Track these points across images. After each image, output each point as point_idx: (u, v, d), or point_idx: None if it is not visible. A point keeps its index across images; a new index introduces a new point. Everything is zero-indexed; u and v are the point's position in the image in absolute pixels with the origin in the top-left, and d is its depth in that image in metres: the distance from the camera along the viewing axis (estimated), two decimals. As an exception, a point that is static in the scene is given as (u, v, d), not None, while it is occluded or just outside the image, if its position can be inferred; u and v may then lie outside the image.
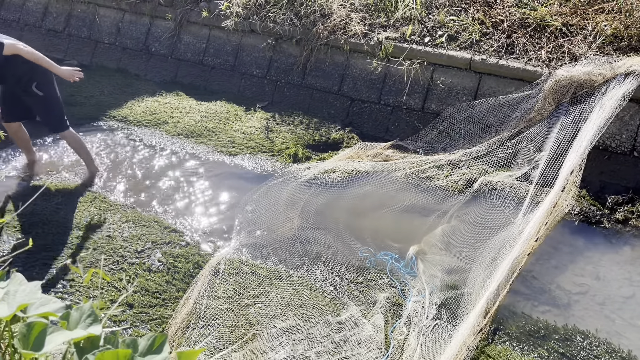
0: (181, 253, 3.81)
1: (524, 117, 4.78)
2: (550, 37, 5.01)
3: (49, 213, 4.11)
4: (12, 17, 8.58)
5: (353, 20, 5.80)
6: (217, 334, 3.13)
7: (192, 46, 6.96)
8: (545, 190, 4.18)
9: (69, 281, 3.50)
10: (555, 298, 3.52)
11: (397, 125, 5.53)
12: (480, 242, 3.86)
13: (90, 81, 6.80)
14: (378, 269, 3.74)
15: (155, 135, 5.60)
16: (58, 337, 1.18)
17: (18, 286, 1.33)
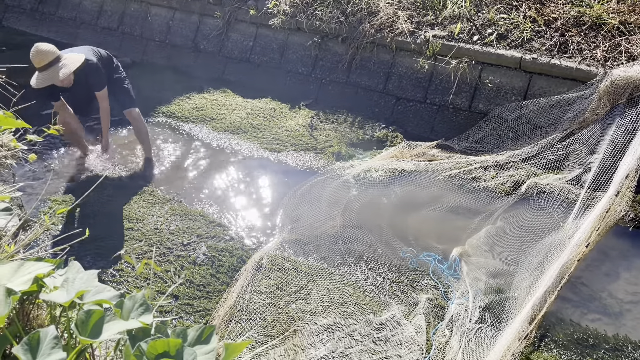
0: (225, 247, 3.88)
1: (576, 119, 4.62)
2: (607, 36, 4.82)
3: (100, 205, 4.26)
4: (69, 16, 8.93)
5: (400, 18, 5.75)
6: (259, 328, 3.17)
7: (240, 44, 7.06)
8: (598, 194, 4.04)
9: (118, 271, 3.62)
10: (606, 306, 3.39)
11: (443, 124, 5.45)
12: (526, 246, 3.76)
13: (141, 78, 7.00)
14: (420, 269, 3.70)
15: (202, 131, 5.71)
16: (115, 326, 1.22)
17: (76, 274, 1.39)
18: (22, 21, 9.41)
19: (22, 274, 1.42)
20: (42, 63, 4.07)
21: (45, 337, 1.19)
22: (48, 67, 4.09)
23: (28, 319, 1.66)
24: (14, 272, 1.42)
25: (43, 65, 4.08)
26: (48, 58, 4.09)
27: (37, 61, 4.06)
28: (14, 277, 1.40)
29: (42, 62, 4.07)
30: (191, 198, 4.59)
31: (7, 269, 1.43)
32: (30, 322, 1.67)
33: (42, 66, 4.07)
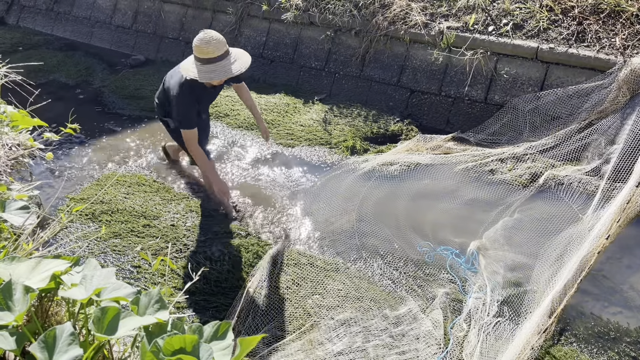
0: (241, 243, 3.89)
1: (594, 109, 4.54)
2: (626, 24, 4.72)
3: (117, 202, 4.29)
4: (84, 15, 9.01)
5: (414, 10, 5.69)
6: (276, 323, 3.18)
7: (252, 39, 7.06)
8: (618, 185, 3.96)
9: (135, 268, 3.65)
10: (628, 299, 3.34)
11: (458, 117, 5.40)
12: (545, 239, 3.71)
13: (156, 75, 7.04)
14: (437, 264, 3.67)
15: (216, 127, 5.73)
16: (130, 322, 1.22)
17: (94, 271, 1.40)
18: (37, 21, 9.52)
19: (40, 272, 1.43)
20: (216, 53, 3.41)
21: (62, 334, 1.20)
22: (221, 58, 3.45)
23: (47, 316, 1.68)
24: (32, 270, 1.43)
25: (217, 56, 3.42)
26: (222, 48, 3.45)
27: (211, 50, 3.39)
28: (32, 275, 1.42)
29: (215, 51, 3.41)
30: (207, 195, 4.60)
31: (25, 267, 1.44)
32: (49, 319, 1.68)
33: (215, 57, 3.42)
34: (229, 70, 3.48)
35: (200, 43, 3.40)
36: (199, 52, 3.43)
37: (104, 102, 6.51)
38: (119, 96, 6.58)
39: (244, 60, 3.58)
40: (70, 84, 7.15)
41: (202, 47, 3.40)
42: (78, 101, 6.61)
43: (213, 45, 3.40)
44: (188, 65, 3.55)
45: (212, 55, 3.42)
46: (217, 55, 3.43)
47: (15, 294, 1.31)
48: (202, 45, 3.40)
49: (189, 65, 3.55)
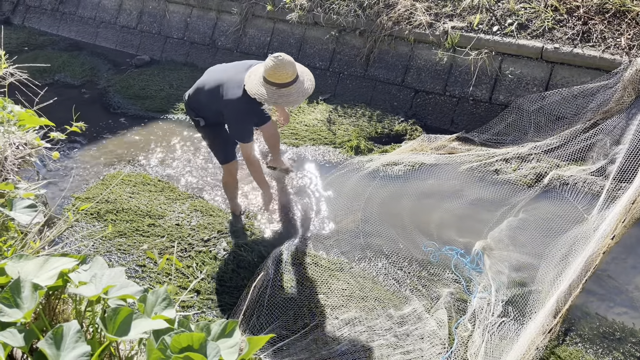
0: (246, 242, 3.90)
1: (600, 109, 4.53)
2: (631, 24, 4.70)
3: (122, 202, 4.31)
4: (89, 15, 9.04)
5: (418, 10, 5.69)
6: (280, 322, 3.18)
7: (257, 40, 7.07)
8: (624, 186, 3.95)
9: (141, 266, 3.66)
10: (633, 299, 3.33)
11: (463, 117, 5.39)
12: (550, 239, 3.71)
13: (160, 75, 7.07)
14: (442, 263, 3.68)
15: (221, 127, 5.74)
16: (142, 324, 1.23)
17: (103, 269, 1.41)
18: (43, 21, 9.57)
19: (48, 269, 1.44)
20: (291, 77, 3.36)
21: (69, 331, 1.21)
22: (295, 81, 3.39)
23: (54, 314, 1.69)
24: (39, 268, 1.45)
25: (292, 80, 3.37)
26: (295, 70, 3.38)
27: (288, 73, 3.34)
28: (39, 272, 1.43)
29: (291, 76, 3.36)
30: (212, 194, 4.62)
31: (33, 264, 1.45)
32: (56, 317, 1.69)
33: (292, 79, 3.37)
34: (304, 92, 3.43)
35: (276, 69, 3.30)
36: (276, 78, 3.33)
37: (109, 102, 6.54)
38: (123, 96, 6.61)
39: (308, 74, 3.51)
40: (75, 84, 7.18)
41: (280, 72, 3.31)
42: (83, 101, 6.64)
43: (289, 69, 3.32)
44: (255, 87, 3.39)
45: (289, 80, 3.35)
46: (293, 78, 3.37)
47: (23, 292, 1.32)
48: (279, 71, 3.31)
49: (256, 86, 3.39)
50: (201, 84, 3.73)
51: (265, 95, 3.36)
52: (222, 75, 3.64)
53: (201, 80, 3.77)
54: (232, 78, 3.56)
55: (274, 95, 3.35)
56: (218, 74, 3.70)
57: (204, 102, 3.72)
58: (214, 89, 3.60)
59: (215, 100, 3.57)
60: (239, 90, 3.48)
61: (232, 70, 3.63)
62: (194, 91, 3.77)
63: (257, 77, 3.43)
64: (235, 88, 3.49)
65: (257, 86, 3.39)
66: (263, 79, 3.38)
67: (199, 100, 3.74)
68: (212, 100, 3.62)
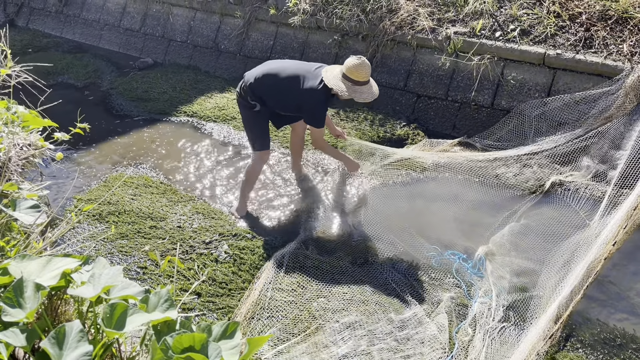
0: (247, 245, 3.90)
1: (602, 115, 4.53)
2: (633, 30, 4.72)
3: (125, 204, 4.32)
4: (93, 17, 9.08)
5: (421, 15, 5.71)
6: (281, 325, 3.18)
7: (260, 43, 7.09)
8: (625, 192, 3.95)
9: (142, 268, 3.67)
10: (634, 306, 3.32)
11: (465, 122, 5.40)
12: (552, 244, 3.71)
13: (163, 78, 7.09)
14: (443, 268, 3.68)
15: (223, 130, 5.76)
16: (138, 318, 1.24)
17: (102, 270, 1.41)
18: (47, 23, 9.61)
19: (51, 270, 1.45)
20: (367, 77, 3.90)
21: (71, 330, 1.22)
22: (368, 82, 3.93)
23: (56, 314, 1.69)
24: (42, 268, 1.45)
25: (367, 80, 3.91)
26: (369, 74, 3.93)
27: (365, 75, 3.86)
28: (42, 273, 1.43)
29: (368, 76, 3.90)
30: (213, 196, 4.63)
31: (35, 265, 1.46)
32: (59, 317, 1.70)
33: (366, 80, 3.90)
34: (373, 93, 3.96)
35: (357, 68, 3.81)
36: (355, 75, 3.83)
37: (112, 104, 6.56)
38: (126, 98, 6.63)
39: (376, 86, 4.04)
40: (78, 86, 7.21)
41: (360, 71, 3.82)
42: (86, 103, 6.66)
43: (367, 71, 3.86)
44: (335, 82, 3.84)
45: (365, 79, 3.87)
46: (368, 80, 3.91)
47: (26, 292, 1.32)
48: (359, 70, 3.82)
49: (335, 80, 3.85)
50: (273, 71, 3.99)
51: (344, 88, 3.84)
52: (299, 67, 4.03)
53: (270, 68, 4.03)
54: (309, 72, 3.96)
55: (350, 89, 3.86)
56: (293, 66, 4.05)
57: (277, 87, 3.99)
58: (293, 78, 3.94)
59: (294, 88, 3.92)
60: (317, 83, 3.89)
61: (306, 66, 4.05)
62: (263, 76, 3.99)
63: (335, 73, 3.91)
64: (313, 79, 3.91)
65: (336, 80, 3.86)
66: (342, 75, 3.87)
67: (269, 85, 3.99)
68: (289, 87, 3.94)
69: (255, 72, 4.05)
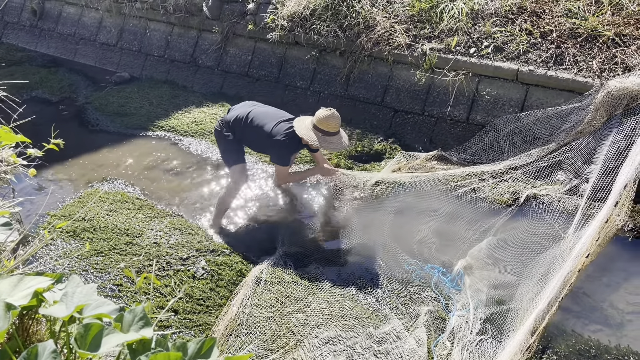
0: (225, 261, 3.87)
1: (573, 130, 4.64)
2: (602, 48, 4.86)
3: (99, 219, 4.25)
4: (68, 32, 9.00)
5: (397, 31, 5.80)
6: (259, 342, 3.15)
7: (238, 58, 7.10)
8: (597, 204, 4.04)
9: (117, 286, 3.60)
10: (608, 317, 3.38)
11: (441, 136, 5.47)
12: (529, 257, 3.76)
13: (140, 92, 7.05)
14: (421, 282, 3.69)
15: (201, 144, 5.73)
16: (114, 339, 1.22)
17: (75, 288, 1.38)
18: (21, 37, 9.48)
19: (22, 289, 1.42)
20: (337, 129, 4.08)
21: (44, 351, 1.19)
22: (337, 133, 4.12)
23: (28, 334, 1.65)
24: (13, 287, 1.42)
25: (336, 131, 4.10)
26: (339, 126, 4.11)
27: (335, 125, 4.05)
28: (13, 292, 1.40)
29: (337, 128, 4.08)
30: (190, 212, 4.58)
31: (6, 284, 1.42)
32: (30, 337, 1.66)
33: (335, 132, 4.09)
34: (343, 143, 4.14)
35: (327, 119, 4.00)
36: (325, 126, 4.02)
37: (88, 118, 6.48)
38: (102, 113, 6.56)
39: (346, 137, 4.23)
40: (53, 100, 7.11)
41: (329, 122, 4.01)
42: (61, 118, 6.58)
43: (337, 122, 4.04)
44: (304, 131, 4.04)
45: (334, 130, 4.06)
46: (336, 131, 4.09)
47: (-4, 311, 1.29)
48: (329, 121, 4.00)
49: (305, 130, 4.04)
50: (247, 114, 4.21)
51: (315, 139, 4.02)
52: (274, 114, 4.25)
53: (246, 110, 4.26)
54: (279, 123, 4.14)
55: (320, 139, 4.03)
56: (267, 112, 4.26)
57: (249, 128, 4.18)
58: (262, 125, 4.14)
59: (264, 134, 4.12)
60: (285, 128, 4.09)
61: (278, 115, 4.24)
62: (239, 114, 4.23)
63: (307, 124, 4.10)
64: (283, 126, 4.11)
65: (307, 131, 4.05)
66: (313, 126, 4.07)
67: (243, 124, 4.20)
68: (260, 132, 4.14)
69: (234, 113, 4.29)
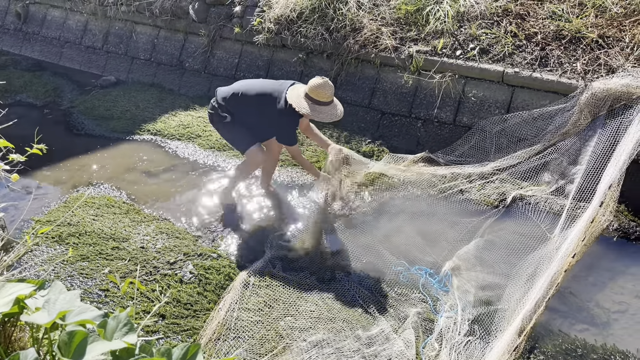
0: (212, 265, 3.84)
1: (558, 131, 4.69)
2: (586, 49, 4.91)
3: (85, 224, 4.21)
4: (53, 35, 8.91)
5: (384, 34, 5.82)
6: (247, 346, 3.13)
7: (225, 61, 7.08)
8: (583, 205, 4.08)
9: (104, 291, 3.57)
10: (594, 316, 3.41)
11: (428, 138, 5.50)
12: (516, 258, 3.78)
13: (127, 96, 7.00)
14: (409, 283, 3.70)
15: (188, 148, 5.70)
16: (98, 347, 1.20)
17: (58, 294, 1.37)
18: (5, 41, 9.38)
19: (3, 296, 1.40)
20: (329, 98, 3.97)
21: (25, 359, 1.17)
22: (330, 103, 4.01)
23: (10, 342, 1.63)
24: (-6, 294, 1.40)
25: (330, 100, 3.99)
26: (332, 95, 4.01)
27: (328, 95, 3.93)
28: (-6, 299, 1.38)
29: (330, 96, 3.97)
30: (178, 216, 4.55)
31: (-13, 291, 1.40)
32: (12, 345, 1.63)
33: (329, 101, 3.98)
34: (335, 114, 4.02)
35: (319, 87, 3.89)
36: (316, 95, 3.91)
37: (73, 122, 6.42)
38: (88, 117, 6.50)
39: (340, 108, 4.12)
40: (38, 105, 7.04)
41: (321, 91, 3.90)
42: (46, 122, 6.51)
43: (328, 91, 3.92)
44: (297, 100, 3.91)
45: (326, 100, 3.94)
46: (330, 100, 3.98)
47: (-24, 319, 1.27)
48: (320, 90, 3.89)
49: (298, 100, 3.92)
50: (243, 90, 4.11)
51: (306, 106, 3.90)
52: (268, 85, 4.13)
53: (240, 87, 4.15)
54: (278, 90, 4.04)
55: (311, 108, 3.91)
56: (262, 84, 4.15)
57: (247, 105, 4.08)
58: (261, 97, 4.05)
59: (263, 106, 4.03)
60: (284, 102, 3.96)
61: (275, 85, 4.12)
62: (232, 95, 4.12)
63: (300, 92, 3.97)
64: (282, 99, 3.99)
65: (299, 99, 3.93)
66: (305, 95, 3.95)
67: (240, 104, 4.10)
68: (258, 106, 4.05)
69: (226, 90, 4.18)
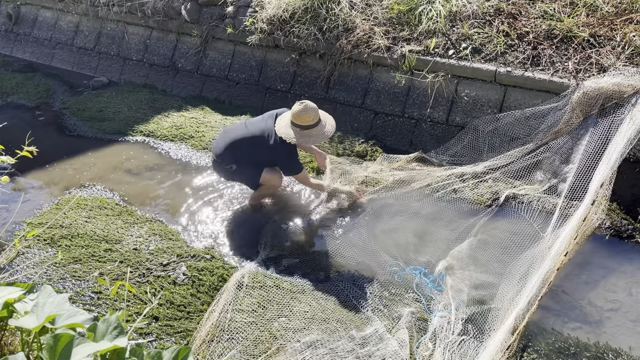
0: (206, 266, 3.83)
1: (551, 130, 4.70)
2: (577, 49, 4.94)
3: (77, 226, 4.18)
4: (45, 36, 8.87)
5: (376, 34, 5.82)
6: (241, 347, 3.13)
7: (218, 62, 7.07)
8: (575, 203, 4.09)
9: (96, 293, 3.55)
10: (587, 314, 3.42)
11: (421, 138, 5.50)
12: (509, 257, 3.79)
13: (119, 97, 6.97)
14: (403, 283, 3.70)
15: (181, 149, 5.68)
16: (84, 349, 1.19)
17: (47, 298, 1.35)
18: (-4, 42, 9.32)
19: (-8, 300, 1.38)
20: (314, 120, 4.00)
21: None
22: (316, 125, 4.03)
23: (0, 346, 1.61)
24: (-18, 298, 1.38)
25: (316, 121, 4.02)
26: (317, 116, 4.02)
27: (311, 118, 3.96)
28: (-18, 303, 1.36)
29: (314, 119, 3.99)
30: (170, 217, 4.54)
31: (-25, 295, 1.39)
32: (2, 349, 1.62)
33: (315, 122, 4.01)
34: (322, 134, 4.06)
35: (300, 113, 3.93)
36: (300, 120, 3.95)
37: (65, 124, 6.39)
38: (80, 118, 6.47)
39: (330, 120, 4.14)
40: (29, 106, 7.00)
41: (303, 116, 3.93)
42: (38, 123, 6.47)
43: (311, 114, 3.95)
44: (285, 130, 3.97)
45: (311, 123, 3.97)
46: (315, 122, 3.99)
47: (-36, 324, 1.26)
48: (302, 115, 3.93)
49: (286, 130, 3.97)
50: (237, 139, 4.14)
51: (292, 135, 3.95)
52: (261, 124, 4.15)
53: (231, 135, 4.18)
54: (268, 126, 4.08)
55: (298, 134, 3.96)
56: (251, 126, 4.18)
57: (243, 151, 4.15)
58: (257, 138, 4.09)
59: (261, 146, 4.07)
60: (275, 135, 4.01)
61: (262, 123, 4.16)
62: (227, 148, 4.16)
63: (285, 121, 4.02)
64: (272, 135, 4.04)
65: (286, 129, 3.98)
66: (290, 122, 3.99)
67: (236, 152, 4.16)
68: (257, 146, 4.09)
69: (219, 146, 4.22)
